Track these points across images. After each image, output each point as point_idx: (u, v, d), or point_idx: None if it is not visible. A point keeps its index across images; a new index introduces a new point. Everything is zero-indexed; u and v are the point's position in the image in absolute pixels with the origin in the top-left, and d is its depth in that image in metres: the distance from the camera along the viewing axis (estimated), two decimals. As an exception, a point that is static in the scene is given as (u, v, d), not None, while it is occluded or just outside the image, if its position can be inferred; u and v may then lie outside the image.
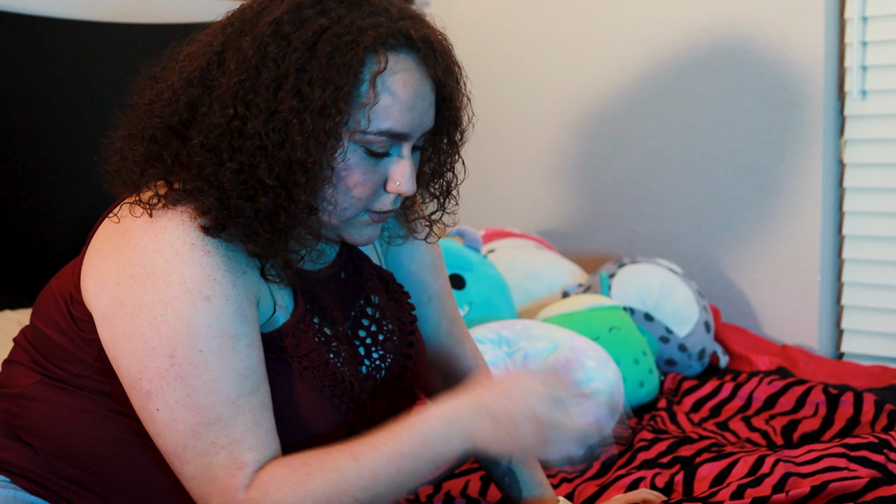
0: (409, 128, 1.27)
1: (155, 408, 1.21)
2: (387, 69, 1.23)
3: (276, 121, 1.21)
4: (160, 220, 1.22)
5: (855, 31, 2.60)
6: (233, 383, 1.21)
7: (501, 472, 1.57)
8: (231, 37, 1.26)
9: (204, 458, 1.20)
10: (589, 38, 3.06)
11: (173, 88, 1.27)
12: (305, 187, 1.22)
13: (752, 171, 2.78)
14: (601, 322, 2.28)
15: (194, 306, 1.20)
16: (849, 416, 2.10)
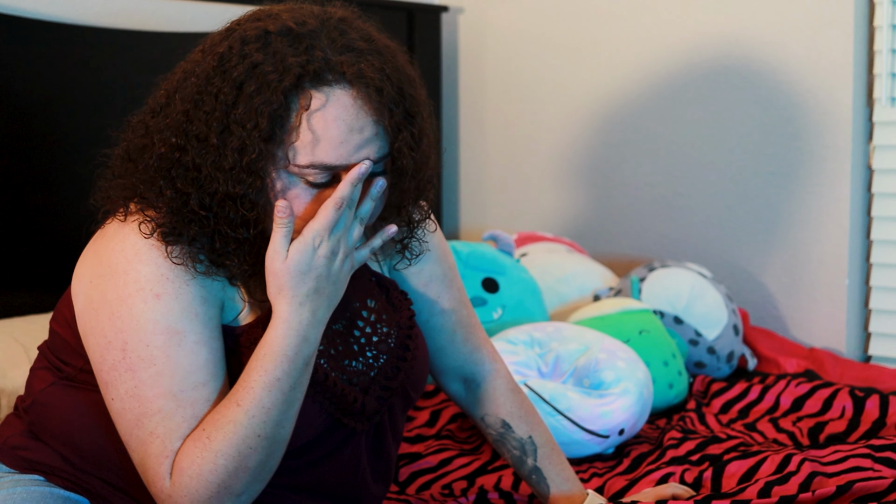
0: (344, 160, 1.25)
1: (110, 397, 1.28)
2: (311, 107, 1.23)
3: (208, 153, 1.24)
4: (130, 224, 1.29)
5: (884, 39, 2.63)
6: (176, 378, 1.26)
7: (528, 470, 1.62)
8: (189, 68, 1.30)
9: (143, 447, 1.26)
10: (620, 42, 3.09)
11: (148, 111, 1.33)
12: (233, 221, 1.26)
13: (781, 175, 2.80)
14: (632, 325, 2.31)
15: (145, 303, 1.26)
16: (875, 418, 2.13)
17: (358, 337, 1.43)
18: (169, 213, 1.27)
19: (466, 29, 3.45)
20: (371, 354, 1.44)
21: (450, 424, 2.12)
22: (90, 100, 2.54)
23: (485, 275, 2.43)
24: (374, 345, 1.44)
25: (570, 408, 1.93)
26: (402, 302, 1.50)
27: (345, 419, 1.37)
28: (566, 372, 2.04)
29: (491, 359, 1.66)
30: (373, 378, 1.42)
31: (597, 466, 1.95)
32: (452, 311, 1.61)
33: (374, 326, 1.45)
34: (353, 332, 1.43)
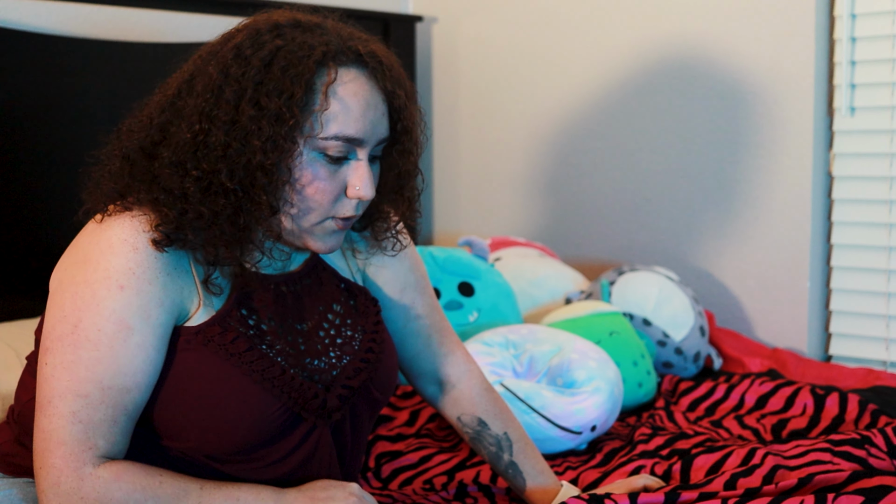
0: (363, 133, 1.38)
1: (45, 362, 1.34)
2: (336, 80, 1.35)
3: (237, 130, 1.32)
4: (109, 220, 1.37)
5: (844, 51, 2.73)
6: (109, 371, 1.33)
7: (505, 465, 1.70)
8: (199, 65, 1.38)
9: (60, 421, 1.32)
10: (589, 52, 3.17)
11: (149, 115, 1.40)
12: (266, 188, 1.34)
13: (745, 182, 2.89)
14: (602, 327, 2.39)
15: (108, 291, 1.33)
16: (834, 414, 2.22)
17: (322, 338, 1.51)
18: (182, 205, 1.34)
19: (440, 38, 3.52)
20: (334, 355, 1.51)
21: (429, 424, 2.20)
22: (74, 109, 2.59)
23: (461, 279, 2.50)
24: (338, 346, 1.52)
25: (545, 406, 2.02)
26: (368, 308, 1.58)
27: (304, 414, 1.44)
28: (540, 372, 2.12)
29: (464, 360, 1.75)
30: (335, 377, 1.49)
31: (570, 461, 2.02)
32: (427, 317, 1.70)
33: (339, 329, 1.53)
34: (319, 332, 1.51)
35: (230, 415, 1.38)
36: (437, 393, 1.75)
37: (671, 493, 1.68)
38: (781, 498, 1.65)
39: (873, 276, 2.77)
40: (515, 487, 1.72)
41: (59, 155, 2.57)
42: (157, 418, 1.39)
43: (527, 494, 1.71)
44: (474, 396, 1.73)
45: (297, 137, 1.34)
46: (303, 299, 1.51)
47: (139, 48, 2.72)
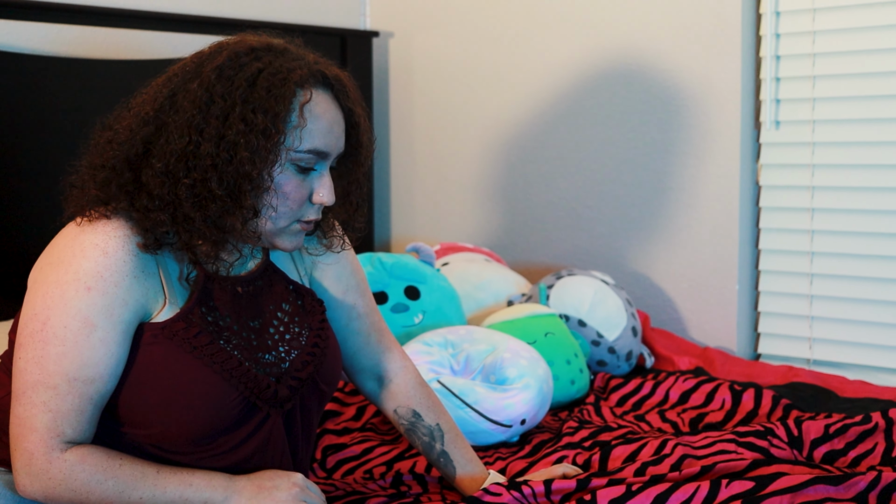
0: (329, 147, 1.55)
1: (18, 356, 1.49)
2: (311, 100, 1.52)
3: (226, 142, 1.46)
4: (85, 226, 1.50)
5: (768, 69, 2.91)
6: (74, 364, 1.47)
7: (437, 454, 1.86)
8: (178, 84, 1.52)
9: (32, 409, 1.47)
10: (536, 67, 3.33)
11: (130, 128, 1.52)
12: (250, 193, 1.48)
13: (679, 190, 3.06)
14: (538, 328, 2.55)
15: (76, 292, 1.46)
16: (749, 409, 2.39)
17: (272, 334, 1.65)
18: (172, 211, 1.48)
19: (396, 53, 3.67)
20: (283, 349, 1.66)
21: (373, 419, 2.35)
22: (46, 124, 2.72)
23: (407, 283, 2.66)
24: (287, 342, 1.67)
25: (477, 401, 2.18)
26: (314, 307, 1.74)
27: (259, 403, 1.58)
28: (475, 370, 2.28)
29: (400, 358, 1.91)
30: (285, 370, 1.64)
31: (501, 452, 2.19)
32: (367, 316, 1.88)
33: (287, 326, 1.68)
34: (269, 329, 1.65)
35: (193, 402, 1.52)
36: (375, 388, 1.91)
37: (583, 480, 1.85)
38: (681, 483, 1.81)
39: (797, 280, 2.95)
40: (446, 475, 1.88)
41: (31, 166, 2.70)
42: (121, 407, 1.53)
43: (457, 482, 1.87)
44: (409, 390, 1.90)
45: (279, 150, 1.49)
46: (256, 299, 1.66)
47: (106, 65, 2.85)
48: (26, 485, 1.48)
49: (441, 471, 1.89)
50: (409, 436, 1.90)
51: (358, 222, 1.74)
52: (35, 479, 1.47)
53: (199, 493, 1.52)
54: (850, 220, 2.85)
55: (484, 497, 1.76)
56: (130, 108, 1.57)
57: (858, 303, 2.86)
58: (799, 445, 2.09)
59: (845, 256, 2.87)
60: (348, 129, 1.62)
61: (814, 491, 1.77)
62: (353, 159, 1.66)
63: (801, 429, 2.12)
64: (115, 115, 1.59)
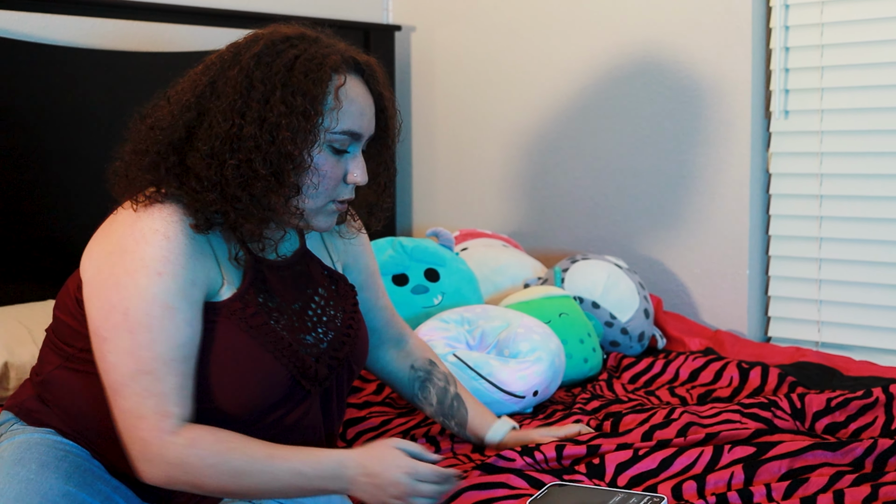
0: (362, 129, 1.62)
1: (107, 350, 1.52)
2: (346, 84, 1.59)
3: (268, 124, 1.52)
4: (140, 212, 1.55)
5: (778, 60, 2.98)
6: (166, 346, 1.51)
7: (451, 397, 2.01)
8: (217, 72, 1.58)
9: (137, 399, 1.50)
10: (555, 61, 3.40)
11: (172, 113, 1.58)
12: (292, 172, 1.54)
13: (691, 178, 3.13)
14: (553, 308, 2.63)
15: (148, 278, 1.50)
16: (756, 385, 2.46)
17: (311, 316, 1.73)
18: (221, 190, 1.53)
19: (418, 47, 3.75)
20: (321, 331, 1.73)
21: (393, 393, 2.45)
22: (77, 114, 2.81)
23: (427, 266, 2.73)
24: (324, 324, 1.74)
25: (491, 373, 2.27)
26: (347, 292, 1.83)
27: (303, 381, 1.65)
28: (490, 344, 2.37)
29: (408, 327, 2.09)
30: (323, 350, 1.71)
31: (516, 419, 2.27)
32: (384, 297, 2.01)
33: (324, 309, 1.76)
34: (307, 312, 1.73)
35: (248, 379, 1.59)
36: (393, 355, 2.03)
37: (593, 446, 1.93)
38: (685, 448, 1.90)
39: (806, 265, 3.02)
40: (459, 418, 1.99)
41: (61, 155, 2.80)
42: None
43: (469, 422, 2.00)
44: (421, 346, 2.06)
45: (318, 131, 1.56)
46: (296, 282, 1.73)
47: (139, 57, 2.95)
48: (146, 471, 1.52)
49: (454, 416, 2.00)
50: (423, 387, 2.01)
51: (385, 202, 1.80)
52: (153, 464, 1.51)
53: (312, 483, 1.56)
54: (857, 207, 2.92)
55: (498, 462, 1.85)
56: (169, 98, 1.62)
57: (866, 287, 2.92)
58: (801, 417, 2.16)
59: (853, 242, 2.94)
60: (377, 113, 1.68)
61: (812, 456, 1.84)
62: (381, 142, 1.73)
63: (804, 402, 2.19)
64: (152, 104, 1.65)
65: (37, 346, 2.35)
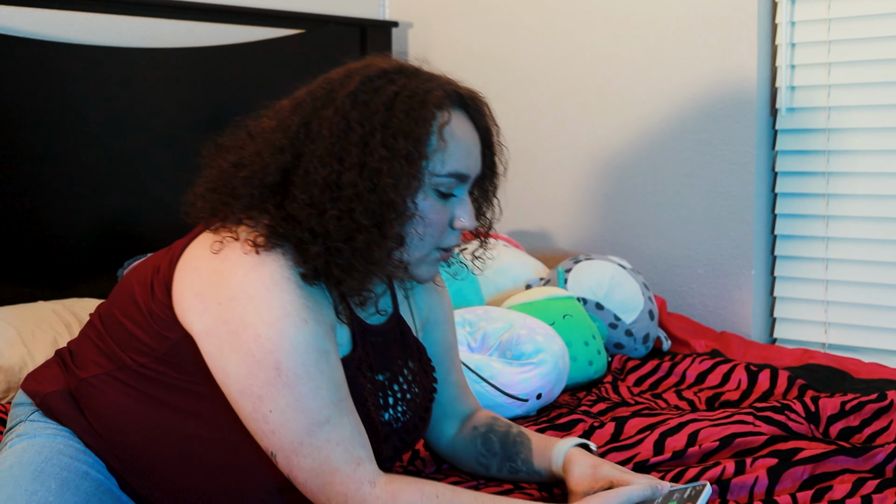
0: (469, 170, 1.50)
1: (268, 409, 1.39)
2: (450, 121, 1.46)
3: (368, 170, 1.40)
4: (259, 256, 1.41)
5: (784, 56, 2.93)
6: (332, 391, 1.41)
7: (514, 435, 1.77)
8: (310, 112, 1.46)
9: (321, 453, 1.39)
10: (552, 57, 3.35)
11: (260, 153, 1.46)
12: (395, 222, 1.41)
13: (696, 177, 3.09)
14: (556, 310, 2.58)
15: (295, 327, 1.38)
16: (765, 388, 2.41)
17: (396, 391, 1.60)
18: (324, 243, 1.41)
19: (415, 43, 3.70)
20: (401, 410, 1.60)
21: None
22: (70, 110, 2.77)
23: (427, 266, 2.69)
24: (406, 402, 1.62)
25: (494, 375, 2.21)
26: (428, 367, 1.70)
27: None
28: (492, 346, 2.31)
29: (473, 401, 1.86)
30: (395, 430, 1.59)
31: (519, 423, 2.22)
32: (458, 372, 1.83)
33: (410, 385, 1.63)
34: (393, 385, 1.60)
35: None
36: (456, 428, 1.82)
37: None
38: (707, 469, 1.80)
39: (813, 265, 2.97)
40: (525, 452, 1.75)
41: (50, 154, 2.75)
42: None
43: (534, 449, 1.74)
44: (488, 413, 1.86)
45: (422, 175, 1.43)
46: (387, 351, 1.61)
47: (129, 53, 2.90)
48: None
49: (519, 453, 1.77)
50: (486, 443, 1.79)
51: (488, 248, 1.69)
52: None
53: None
54: (865, 206, 2.88)
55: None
56: (251, 133, 1.52)
57: (874, 287, 2.88)
58: (816, 421, 2.12)
59: (860, 241, 2.89)
60: (483, 150, 1.56)
61: (833, 462, 1.80)
62: (487, 181, 1.61)
63: (818, 405, 2.15)
64: (229, 135, 1.55)
65: (26, 347, 2.31)
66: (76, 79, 2.79)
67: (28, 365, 2.27)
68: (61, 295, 2.71)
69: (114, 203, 2.88)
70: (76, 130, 2.78)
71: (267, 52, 3.20)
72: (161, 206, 2.96)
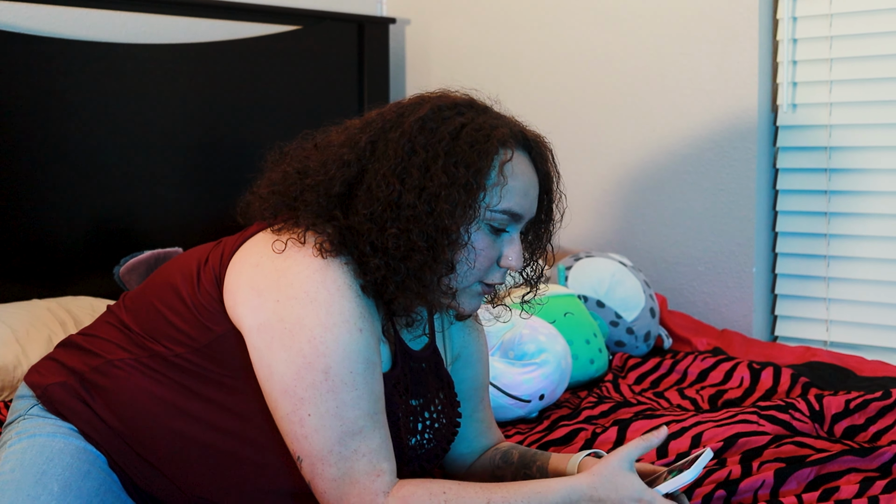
0: (524, 210, 1.50)
1: (307, 413, 1.40)
2: (512, 160, 1.49)
3: (427, 194, 1.42)
4: (325, 261, 1.43)
5: (786, 51, 2.91)
6: (372, 402, 1.42)
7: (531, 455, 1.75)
8: (378, 132, 1.49)
9: (346, 463, 1.40)
10: (553, 53, 3.33)
11: (326, 165, 1.49)
12: (448, 248, 1.44)
13: (696, 174, 3.07)
14: (558, 308, 2.56)
15: (350, 335, 1.41)
16: (768, 386, 2.40)
17: (426, 418, 1.61)
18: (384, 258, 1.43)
19: (413, 40, 3.68)
20: (428, 437, 1.61)
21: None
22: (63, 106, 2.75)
23: (426, 264, 2.67)
24: (435, 430, 1.63)
25: (496, 376, 2.19)
26: (454, 400, 1.69)
27: None
28: (493, 346, 2.29)
29: (498, 435, 1.83)
30: (418, 456, 1.60)
31: (520, 428, 2.20)
32: (485, 409, 1.81)
33: (440, 415, 1.64)
34: (424, 413, 1.61)
35: None
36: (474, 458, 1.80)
37: None
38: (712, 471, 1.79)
39: (814, 263, 2.95)
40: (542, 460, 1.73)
41: (48, 151, 2.73)
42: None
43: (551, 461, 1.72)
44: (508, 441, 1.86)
45: (478, 206, 1.46)
46: (422, 377, 1.61)
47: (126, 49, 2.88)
48: None
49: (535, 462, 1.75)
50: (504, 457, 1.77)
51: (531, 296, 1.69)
52: None
53: None
54: (867, 203, 2.86)
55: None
56: (317, 145, 1.55)
57: (876, 285, 2.86)
58: (820, 419, 2.10)
59: (862, 238, 2.87)
60: (541, 195, 1.57)
61: (839, 462, 1.79)
62: (541, 227, 1.62)
63: (822, 404, 2.14)
64: (295, 145, 1.58)
65: (21, 345, 2.29)
66: (70, 75, 2.77)
67: (22, 363, 2.25)
68: (56, 293, 2.69)
69: (109, 201, 2.86)
70: (71, 127, 2.76)
71: (263, 49, 3.19)
72: (157, 204, 2.94)
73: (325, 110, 3.26)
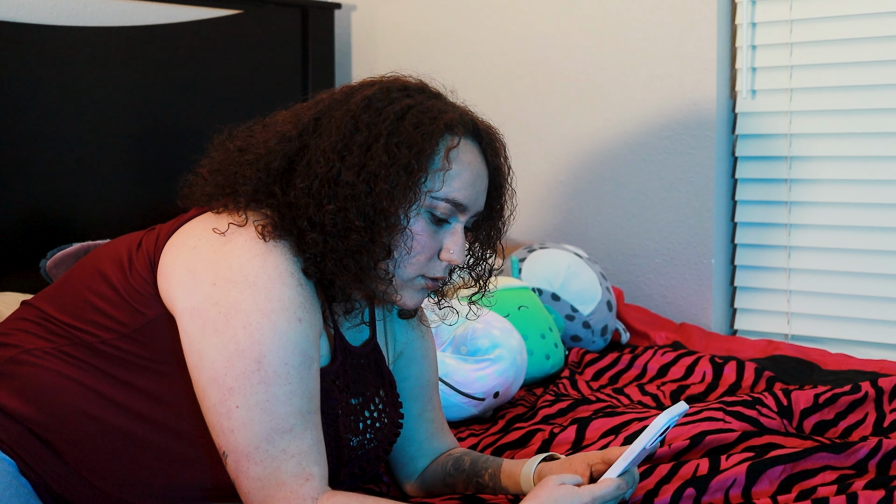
0: (468, 201, 1.44)
1: (235, 404, 1.33)
2: (459, 146, 1.44)
3: (366, 173, 1.38)
4: (266, 245, 1.38)
5: (745, 36, 2.84)
6: (306, 400, 1.35)
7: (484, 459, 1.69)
8: (324, 110, 1.45)
9: (273, 463, 1.33)
10: (501, 40, 3.25)
11: (267, 142, 1.44)
12: (385, 231, 1.39)
13: (653, 163, 2.98)
14: (511, 301, 2.45)
15: (288, 323, 1.34)
16: (731, 381, 2.32)
17: (366, 417, 1.55)
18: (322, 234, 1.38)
19: (359, 26, 3.58)
20: (369, 437, 1.55)
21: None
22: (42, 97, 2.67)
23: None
24: (376, 430, 1.56)
25: (448, 373, 2.08)
26: (397, 402, 1.63)
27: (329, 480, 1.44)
28: (445, 341, 2.18)
29: (450, 440, 1.76)
30: (357, 455, 1.54)
31: (473, 429, 2.08)
32: (435, 409, 1.74)
33: (381, 414, 1.58)
34: (364, 412, 1.55)
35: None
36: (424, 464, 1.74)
37: None
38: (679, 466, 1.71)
39: (775, 253, 2.88)
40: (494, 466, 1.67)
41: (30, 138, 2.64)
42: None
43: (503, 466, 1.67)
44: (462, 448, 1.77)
45: (419, 189, 1.41)
46: (362, 375, 1.56)
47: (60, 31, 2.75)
48: None
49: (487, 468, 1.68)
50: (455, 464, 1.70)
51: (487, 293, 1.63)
52: None
53: None
54: (828, 191, 2.79)
55: None
56: (265, 124, 1.51)
57: (838, 276, 2.79)
58: (788, 415, 2.02)
59: (824, 228, 2.80)
60: (490, 189, 1.51)
61: (813, 459, 1.70)
62: (490, 223, 1.55)
63: (791, 398, 2.06)
64: (245, 126, 1.53)
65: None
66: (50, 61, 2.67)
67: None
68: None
69: (40, 191, 2.74)
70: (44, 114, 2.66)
71: (204, 33, 3.07)
72: (92, 195, 2.83)
73: (268, 97, 3.15)
